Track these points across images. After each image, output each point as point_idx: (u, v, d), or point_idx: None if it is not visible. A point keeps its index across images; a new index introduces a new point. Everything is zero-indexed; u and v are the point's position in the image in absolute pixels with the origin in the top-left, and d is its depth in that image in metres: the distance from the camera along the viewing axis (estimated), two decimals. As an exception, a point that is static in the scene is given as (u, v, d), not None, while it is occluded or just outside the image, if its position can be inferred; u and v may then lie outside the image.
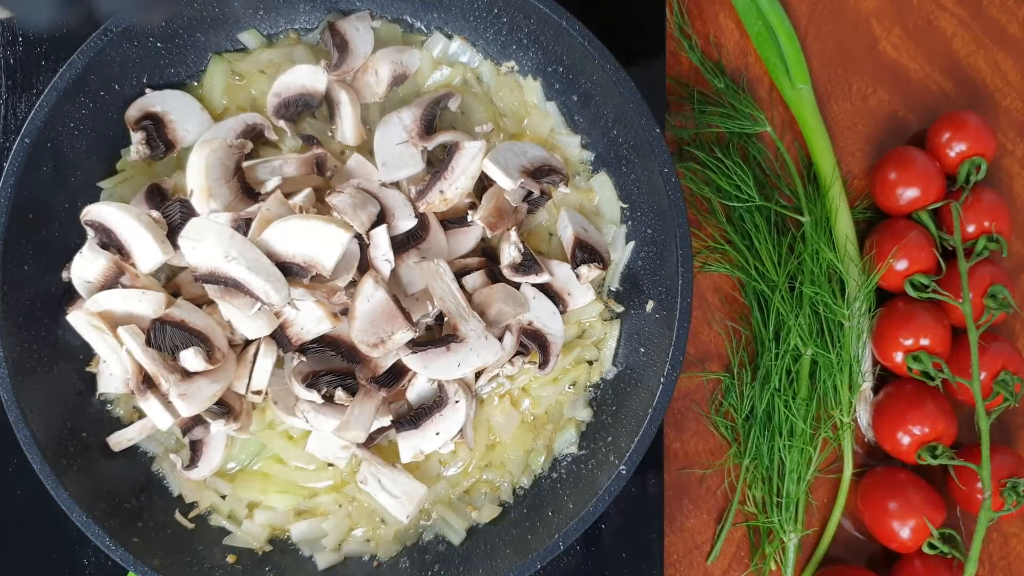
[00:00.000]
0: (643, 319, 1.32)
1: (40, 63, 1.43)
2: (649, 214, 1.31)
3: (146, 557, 1.18)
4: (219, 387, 1.17)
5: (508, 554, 1.24)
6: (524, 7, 1.26)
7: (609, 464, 1.24)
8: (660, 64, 1.50)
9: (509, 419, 1.32)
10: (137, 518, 1.25)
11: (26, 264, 1.22)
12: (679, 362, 1.21)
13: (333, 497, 1.30)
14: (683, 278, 1.22)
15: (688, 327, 1.22)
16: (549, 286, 1.31)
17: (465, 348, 1.21)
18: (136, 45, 1.26)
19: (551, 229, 1.36)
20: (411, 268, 1.26)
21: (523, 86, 1.38)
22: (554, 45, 1.30)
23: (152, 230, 1.22)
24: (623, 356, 1.35)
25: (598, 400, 1.36)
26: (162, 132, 1.30)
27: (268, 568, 1.28)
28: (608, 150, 1.35)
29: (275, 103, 1.30)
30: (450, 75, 1.37)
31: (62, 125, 1.23)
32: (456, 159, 1.26)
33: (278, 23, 1.37)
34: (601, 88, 1.27)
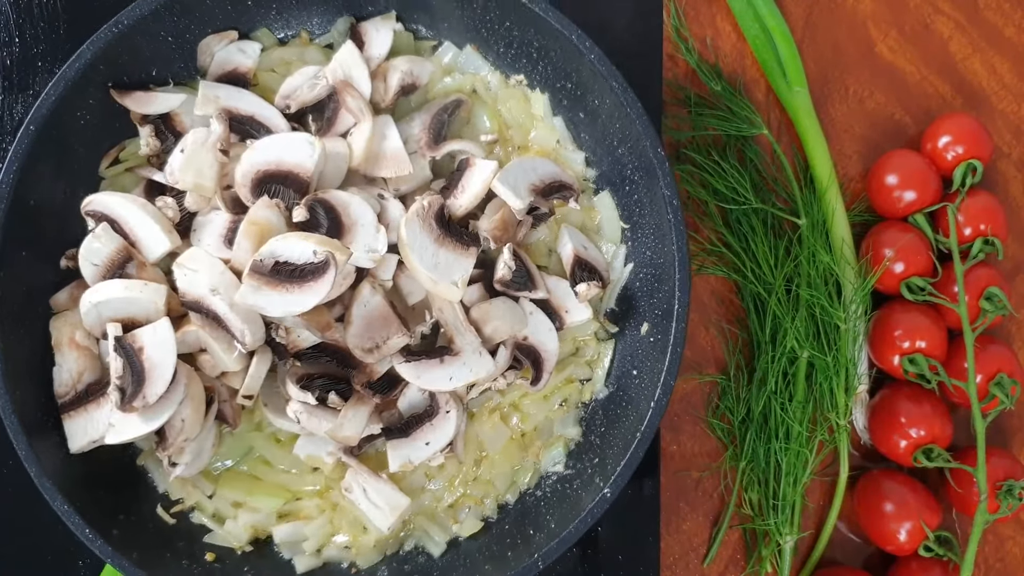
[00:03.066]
0: (637, 341, 1.32)
1: (37, 64, 1.43)
2: (650, 236, 1.31)
3: (125, 550, 1.17)
4: (156, 424, 1.17)
5: (487, 570, 1.23)
6: (535, 22, 1.25)
7: (594, 486, 1.23)
8: (657, 67, 1.50)
9: (498, 434, 1.32)
10: (119, 511, 1.24)
11: (24, 251, 1.21)
12: (670, 388, 1.20)
13: (317, 503, 1.30)
14: (679, 303, 1.21)
15: (681, 353, 1.21)
16: (547, 302, 1.31)
17: (459, 362, 1.21)
18: (147, 38, 1.26)
19: (551, 245, 1.36)
20: (411, 278, 1.25)
21: (530, 99, 1.37)
22: (563, 61, 1.29)
23: (159, 219, 1.22)
24: (615, 377, 1.35)
25: (588, 419, 1.36)
26: (169, 124, 1.30)
27: (247, 568, 1.28)
28: (612, 169, 1.34)
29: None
30: (459, 82, 1.37)
31: (68, 114, 1.23)
32: (467, 176, 1.26)
33: (291, 24, 1.36)
34: (608, 107, 1.26)
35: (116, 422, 1.17)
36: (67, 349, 1.23)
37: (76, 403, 1.22)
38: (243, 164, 1.22)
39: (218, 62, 1.32)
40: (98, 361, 1.25)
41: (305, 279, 1.14)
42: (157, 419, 1.16)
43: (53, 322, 1.25)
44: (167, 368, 1.16)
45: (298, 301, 1.13)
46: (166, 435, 1.18)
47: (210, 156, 1.21)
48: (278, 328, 1.20)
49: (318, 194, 1.21)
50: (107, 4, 1.42)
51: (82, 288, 1.23)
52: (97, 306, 1.19)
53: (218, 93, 1.28)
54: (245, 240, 1.18)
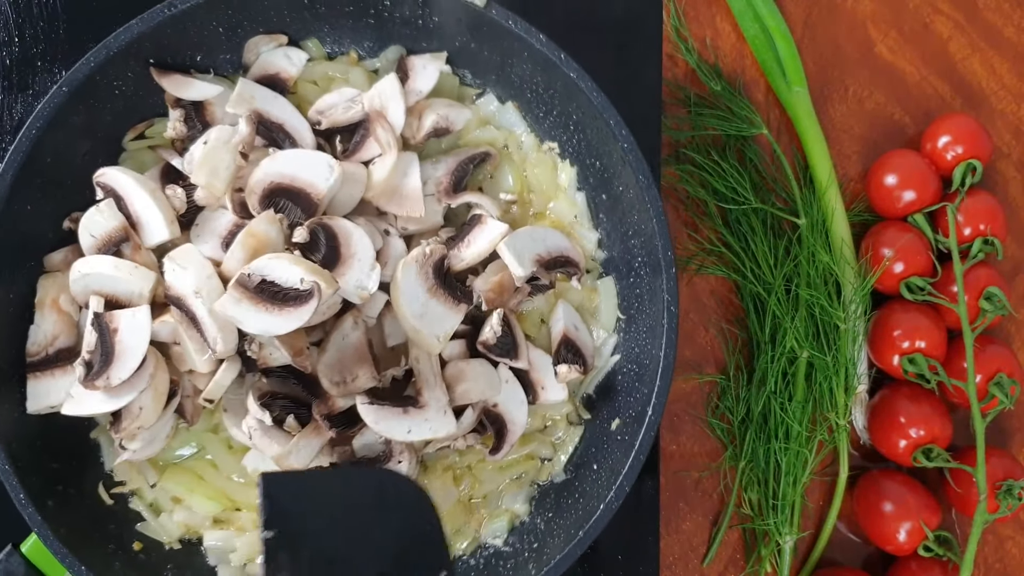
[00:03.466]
0: (606, 435, 1.28)
1: (36, 64, 1.43)
2: (643, 333, 1.28)
3: (54, 524, 1.14)
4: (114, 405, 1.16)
5: None
6: (578, 97, 1.23)
7: (526, 572, 1.21)
8: (656, 67, 1.50)
9: (447, 494, 1.28)
10: (60, 482, 1.22)
11: (30, 204, 1.21)
12: (624, 493, 1.17)
13: (254, 517, 1.27)
14: (654, 411, 1.18)
15: (644, 461, 1.17)
16: (525, 374, 1.28)
17: (421, 416, 1.18)
18: (198, 25, 1.25)
19: (545, 316, 1.33)
20: (395, 320, 1.23)
21: (559, 168, 1.35)
22: (598, 141, 1.27)
23: (163, 208, 1.21)
24: (575, 465, 1.32)
25: (538, 500, 1.32)
26: (201, 112, 1.29)
27: (170, 566, 1.25)
28: (622, 257, 1.32)
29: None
30: (493, 136, 1.35)
31: (105, 81, 1.22)
32: (474, 233, 1.24)
33: (342, 42, 1.35)
34: (631, 197, 1.24)
35: (76, 395, 1.17)
36: (48, 310, 1.22)
37: (44, 365, 1.21)
38: (259, 171, 1.21)
39: (262, 63, 1.31)
40: (75, 329, 1.24)
41: (287, 303, 1.12)
42: (116, 401, 1.16)
43: (42, 280, 1.23)
44: (137, 354, 1.15)
45: (276, 323, 1.12)
46: (122, 418, 1.17)
47: (228, 157, 1.20)
48: (251, 342, 1.19)
49: (323, 218, 1.20)
50: (107, 4, 1.43)
51: (77, 254, 1.22)
52: (85, 277, 1.19)
53: (254, 93, 1.26)
54: (240, 250, 1.17)
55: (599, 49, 1.49)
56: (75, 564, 1.15)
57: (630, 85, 1.46)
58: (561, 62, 1.22)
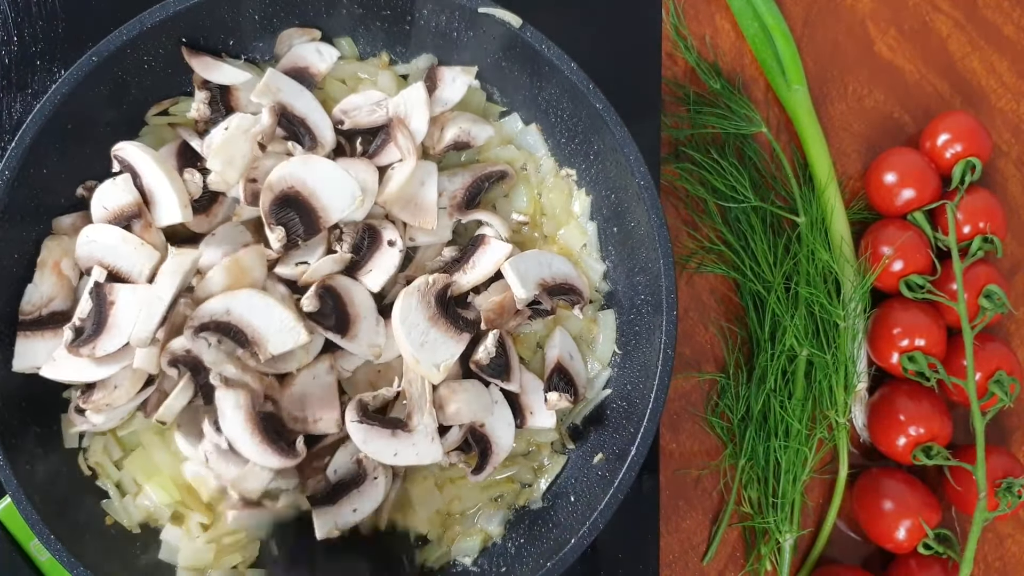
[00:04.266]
0: (587, 468, 1.28)
1: (35, 63, 1.43)
2: (636, 371, 1.27)
3: (28, 488, 1.14)
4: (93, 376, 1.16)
5: None
6: (601, 129, 1.23)
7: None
8: (656, 65, 1.50)
9: (430, 497, 1.28)
10: (40, 445, 1.21)
11: (46, 167, 1.20)
12: (598, 529, 1.16)
13: (202, 521, 1.24)
14: (636, 452, 1.17)
15: (621, 500, 1.17)
16: (516, 397, 1.27)
17: (409, 441, 1.17)
18: (234, 11, 1.25)
19: (542, 341, 1.32)
20: (391, 338, 1.22)
21: (574, 196, 1.35)
22: (616, 174, 1.26)
23: (179, 190, 1.21)
24: (554, 494, 1.31)
25: (513, 524, 1.31)
26: (226, 97, 1.29)
27: (138, 544, 1.24)
28: (625, 292, 1.31)
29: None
30: (513, 155, 1.35)
31: (135, 54, 1.22)
32: (479, 254, 1.24)
33: (375, 44, 1.35)
34: (641, 234, 1.24)
35: (58, 358, 1.17)
36: (49, 272, 1.22)
37: (35, 325, 1.21)
38: (281, 169, 1.19)
39: (292, 55, 1.31)
40: (72, 295, 1.24)
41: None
42: (96, 372, 1.15)
43: (47, 242, 1.23)
44: (128, 330, 1.15)
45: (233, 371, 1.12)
46: (95, 390, 1.17)
47: (246, 146, 1.19)
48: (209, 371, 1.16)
49: (325, 280, 1.19)
50: (106, 4, 1.43)
51: (86, 221, 1.22)
52: (91, 243, 1.19)
53: (280, 85, 1.25)
54: (221, 273, 1.16)
55: (598, 47, 1.49)
56: (45, 532, 1.13)
57: (629, 83, 1.46)
58: (589, 92, 1.22)
